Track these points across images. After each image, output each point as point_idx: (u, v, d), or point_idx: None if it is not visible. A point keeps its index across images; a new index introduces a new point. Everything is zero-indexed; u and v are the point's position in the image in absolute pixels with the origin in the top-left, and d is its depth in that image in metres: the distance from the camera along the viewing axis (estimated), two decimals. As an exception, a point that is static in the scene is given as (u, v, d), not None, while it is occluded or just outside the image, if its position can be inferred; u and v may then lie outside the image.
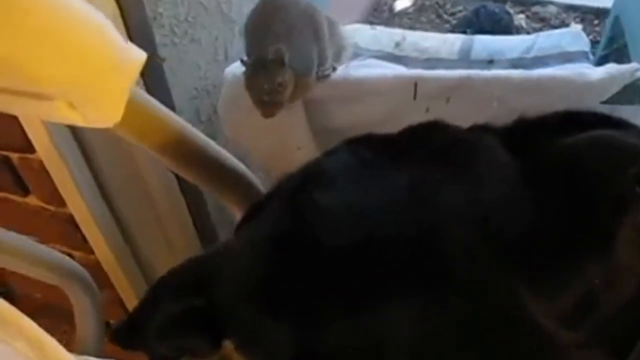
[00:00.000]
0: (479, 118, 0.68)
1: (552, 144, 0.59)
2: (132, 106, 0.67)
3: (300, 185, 0.63)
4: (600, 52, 2.07)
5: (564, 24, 2.81)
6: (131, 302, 1.53)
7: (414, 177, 0.58)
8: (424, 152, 0.61)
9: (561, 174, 0.56)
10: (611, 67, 1.26)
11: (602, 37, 2.16)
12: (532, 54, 1.67)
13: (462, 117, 0.67)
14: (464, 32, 2.38)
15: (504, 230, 0.53)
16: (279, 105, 1.25)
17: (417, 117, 0.69)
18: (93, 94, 0.56)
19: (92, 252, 1.44)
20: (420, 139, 0.65)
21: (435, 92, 1.22)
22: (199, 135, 0.81)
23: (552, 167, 0.57)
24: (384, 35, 1.84)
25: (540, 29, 2.78)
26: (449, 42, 1.78)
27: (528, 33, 2.63)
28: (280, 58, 1.19)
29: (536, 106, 0.66)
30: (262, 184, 0.89)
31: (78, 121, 0.57)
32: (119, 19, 1.11)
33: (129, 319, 0.64)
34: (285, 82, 1.22)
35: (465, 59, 1.72)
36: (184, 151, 0.79)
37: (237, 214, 0.83)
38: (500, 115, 0.67)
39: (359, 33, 1.81)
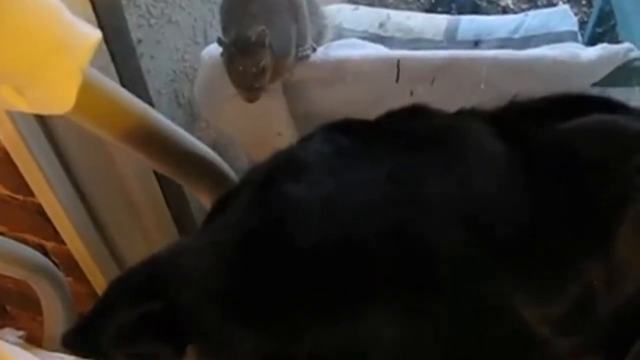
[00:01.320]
0: (466, 100, 0.64)
1: (546, 130, 0.54)
2: (87, 90, 0.62)
3: (270, 177, 0.57)
4: (589, 32, 2.03)
5: (551, 4, 2.77)
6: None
7: (395, 167, 0.52)
8: (405, 139, 0.56)
9: (557, 164, 0.51)
10: (603, 47, 1.22)
11: (591, 17, 2.12)
12: (519, 34, 1.65)
13: (448, 99, 0.63)
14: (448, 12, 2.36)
15: (495, 228, 0.47)
16: (262, 89, 1.21)
17: (401, 99, 0.64)
18: (40, 77, 0.51)
19: (64, 242, 1.38)
20: (401, 125, 0.59)
21: (419, 74, 1.18)
22: (164, 121, 0.75)
23: (546, 156, 0.52)
24: (368, 15, 1.80)
25: (528, 9, 2.74)
26: (435, 22, 1.75)
27: (515, 13, 2.60)
28: (262, 40, 1.15)
29: (525, 88, 0.62)
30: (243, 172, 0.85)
31: (23, 107, 0.52)
32: (86, -2, 1.05)
33: (83, 325, 0.58)
34: (268, 64, 1.17)
35: (451, 39, 1.69)
36: (147, 138, 0.74)
37: (209, 206, 0.77)
38: (488, 97, 0.62)
39: (341, 13, 1.77)
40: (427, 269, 0.47)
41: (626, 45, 1.21)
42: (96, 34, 0.54)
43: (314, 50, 1.29)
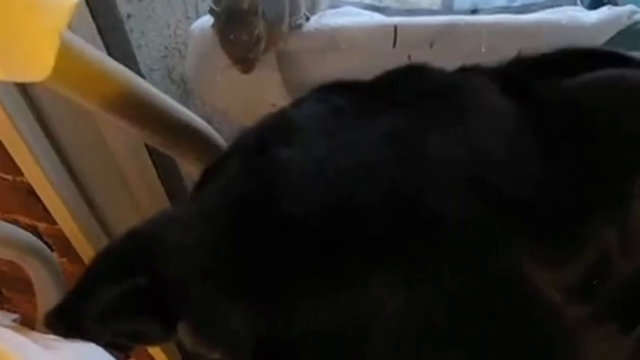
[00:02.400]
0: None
1: (556, 86, 0.50)
2: (67, 56, 0.59)
3: (260, 141, 0.54)
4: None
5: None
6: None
7: (394, 127, 0.49)
8: (405, 98, 0.53)
9: (569, 122, 0.48)
10: (606, 11, 1.19)
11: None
12: (518, 2, 1.62)
13: (447, 64, 0.59)
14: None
15: (504, 188, 0.44)
16: (256, 59, 1.19)
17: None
18: (15, 40, 0.48)
19: (56, 223, 1.35)
20: (400, 83, 0.56)
21: (417, 39, 1.15)
22: (149, 88, 0.72)
23: (557, 114, 0.48)
24: (364, -15, 1.77)
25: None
26: (432, -9, 1.72)
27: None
28: (255, 8, 1.12)
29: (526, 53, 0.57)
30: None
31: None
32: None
33: (65, 304, 0.55)
34: (261, 33, 1.14)
35: (449, 8, 1.66)
36: (132, 106, 0.70)
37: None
38: (488, 62, 0.58)
39: (337, -17, 1.74)
40: (431, 234, 0.43)
41: (629, 7, 1.19)
42: (75, -6, 0.51)
43: (308, 19, 1.26)
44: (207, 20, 1.30)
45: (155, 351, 1.59)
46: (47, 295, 1.14)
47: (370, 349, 0.43)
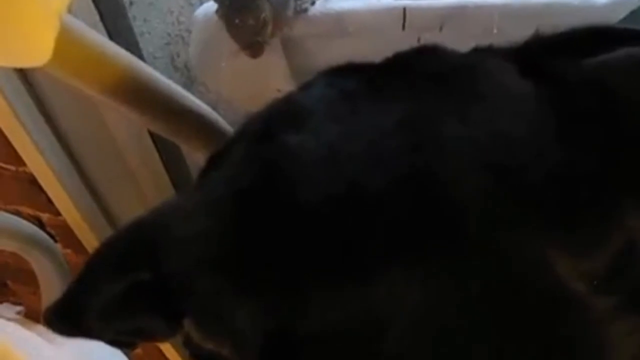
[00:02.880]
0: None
1: (575, 66, 0.48)
2: (66, 39, 0.57)
3: (267, 127, 0.51)
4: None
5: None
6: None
7: (408, 110, 0.47)
8: (417, 80, 0.50)
9: (591, 103, 0.45)
10: (617, -10, 1.17)
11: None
12: (525, -16, 1.60)
13: (457, 46, 0.57)
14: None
15: (525, 173, 0.42)
16: (264, 43, 1.17)
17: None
18: (12, 23, 0.47)
19: (60, 213, 1.34)
20: (411, 65, 0.54)
21: (427, 21, 1.13)
22: (154, 74, 0.70)
23: (578, 95, 0.46)
24: (369, -29, 1.75)
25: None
26: (438, -24, 1.70)
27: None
28: (261, -9, 1.10)
29: None
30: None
31: (-2, 59, 0.48)
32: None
33: (65, 301, 0.53)
34: (268, 16, 1.12)
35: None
36: (134, 91, 0.68)
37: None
38: (502, 43, 0.56)
39: (341, -32, 1.72)
40: (450, 222, 0.41)
41: (642, -14, 1.16)
42: (73, -24, 0.49)
43: (313, 3, 1.24)
44: (211, 6, 1.28)
45: (165, 346, 1.58)
46: (51, 288, 1.13)
47: (388, 347, 0.41)
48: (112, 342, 0.58)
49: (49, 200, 1.31)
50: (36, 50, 0.49)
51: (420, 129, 0.45)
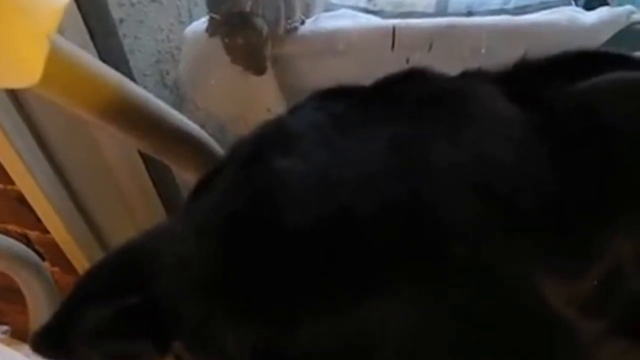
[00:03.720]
0: (465, 67, 0.58)
1: (563, 90, 0.49)
2: (56, 60, 0.57)
3: (256, 150, 0.52)
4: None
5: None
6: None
7: (397, 134, 0.47)
8: (406, 104, 0.51)
9: (578, 127, 0.46)
10: (604, 11, 1.18)
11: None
12: (512, 4, 1.60)
13: (446, 66, 0.57)
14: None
15: (514, 198, 0.42)
16: (267, 58, 1.18)
17: (396, 68, 0.58)
18: (2, 44, 0.47)
19: (48, 231, 1.33)
20: (400, 88, 0.54)
21: (416, 40, 1.14)
22: (144, 94, 0.70)
23: (566, 119, 0.46)
24: (356, -11, 1.76)
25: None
26: (425, -5, 1.71)
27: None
28: (257, 9, 1.12)
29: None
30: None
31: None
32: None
33: (52, 325, 0.53)
34: (267, 32, 1.13)
35: (442, 11, 1.65)
36: (127, 113, 0.68)
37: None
38: (487, 64, 0.57)
39: (329, -13, 1.73)
40: (439, 247, 0.41)
41: (628, 7, 1.18)
42: (63, -1, 0.49)
43: (303, 22, 1.25)
44: (201, 24, 1.29)
45: None
46: (39, 307, 1.12)
47: None
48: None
49: (37, 218, 1.30)
50: (26, 71, 0.49)
51: (409, 153, 0.45)
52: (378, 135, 0.47)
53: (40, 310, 1.12)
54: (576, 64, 0.52)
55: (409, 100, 0.51)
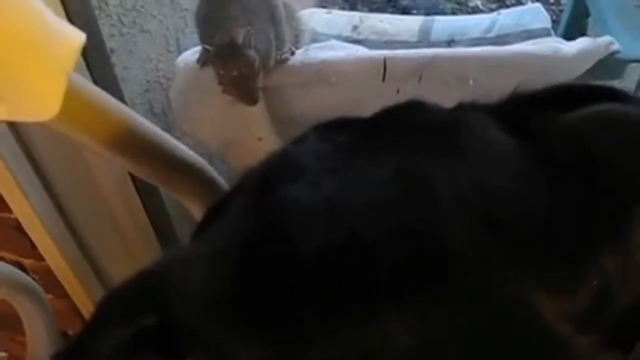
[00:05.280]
0: (453, 97, 0.61)
1: (554, 122, 0.52)
2: (72, 96, 0.60)
3: (265, 180, 0.54)
4: (562, 30, 2.03)
5: (520, 3, 2.78)
6: (88, 311, 1.44)
7: (400, 164, 0.50)
8: (407, 135, 0.54)
9: (569, 156, 0.49)
10: (584, 41, 1.22)
11: (564, 15, 2.13)
12: (493, 33, 1.65)
13: (435, 97, 0.60)
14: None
15: (512, 223, 0.45)
16: (259, 89, 1.19)
17: (387, 99, 0.61)
18: (23, 81, 0.49)
19: (43, 259, 1.34)
20: (400, 120, 0.57)
21: (406, 71, 1.17)
22: (151, 127, 0.73)
23: (557, 149, 0.50)
24: (341, 19, 1.81)
25: (497, 9, 2.76)
26: (408, 24, 1.76)
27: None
28: (249, 40, 1.14)
29: (510, 83, 0.60)
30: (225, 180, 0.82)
31: (4, 114, 0.50)
32: (59, 5, 1.02)
33: (74, 345, 0.55)
34: (259, 63, 1.15)
35: (425, 39, 1.70)
36: (135, 146, 0.71)
37: (198, 215, 0.75)
38: (475, 94, 0.60)
39: (315, 17, 1.77)
40: (442, 269, 0.44)
41: (607, 38, 1.21)
42: (80, 36, 0.52)
43: (293, 53, 1.27)
44: (192, 54, 1.31)
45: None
46: (37, 332, 1.13)
47: None
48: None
49: (33, 246, 1.31)
50: (44, 106, 0.51)
51: (411, 182, 0.48)
52: (383, 164, 0.50)
53: (38, 335, 1.12)
54: (564, 97, 0.56)
55: (409, 132, 0.54)
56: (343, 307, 0.45)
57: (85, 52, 1.10)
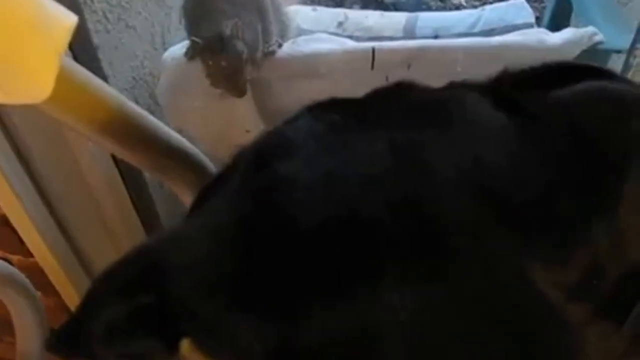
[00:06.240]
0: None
1: (543, 98, 0.53)
2: (64, 78, 0.60)
3: (260, 158, 0.54)
4: (546, 24, 2.04)
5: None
6: (76, 307, 1.43)
7: (395, 140, 0.50)
8: (400, 112, 0.54)
9: (558, 132, 0.50)
10: (569, 32, 1.24)
11: (547, 8, 2.14)
12: (478, 28, 1.66)
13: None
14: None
15: (506, 195, 0.46)
16: (247, 81, 1.20)
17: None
18: (16, 62, 0.49)
19: (30, 254, 1.34)
20: (392, 99, 0.57)
21: (395, 60, 1.17)
22: (142, 113, 0.73)
23: (547, 125, 0.51)
24: (326, 16, 1.80)
25: (479, 6, 2.77)
26: (393, 20, 1.76)
27: (468, 10, 2.62)
28: (237, 32, 1.14)
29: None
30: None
31: (-1, 97, 0.50)
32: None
33: (68, 325, 0.55)
34: (247, 55, 1.16)
35: (410, 35, 1.70)
36: (126, 131, 0.71)
37: (188, 201, 0.75)
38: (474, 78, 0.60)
39: (300, 15, 1.77)
40: (440, 239, 0.45)
41: (590, 29, 1.23)
42: (73, 18, 0.52)
43: (280, 45, 1.28)
44: (179, 49, 1.31)
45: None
46: (26, 327, 1.12)
47: (385, 354, 0.44)
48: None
49: (21, 242, 1.30)
50: (38, 87, 0.51)
51: (408, 156, 0.49)
52: (377, 139, 0.50)
53: (28, 330, 1.12)
54: (552, 75, 0.56)
55: (401, 108, 0.55)
56: (343, 281, 0.45)
57: (72, 47, 1.10)
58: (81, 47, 1.14)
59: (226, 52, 1.13)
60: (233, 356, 0.50)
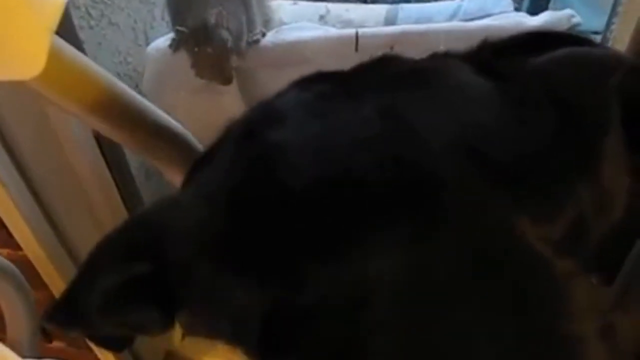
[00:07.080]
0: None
1: (525, 63, 0.54)
2: (55, 56, 0.61)
3: (249, 128, 0.56)
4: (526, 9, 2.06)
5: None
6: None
7: (382, 105, 0.51)
8: (386, 79, 0.55)
9: (541, 93, 0.51)
10: (547, 15, 1.26)
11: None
12: (457, 18, 1.67)
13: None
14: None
15: (494, 155, 0.47)
16: (232, 68, 1.21)
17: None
18: (6, 37, 0.49)
19: (20, 248, 1.34)
20: (378, 68, 0.58)
21: (378, 43, 1.19)
22: (132, 93, 0.73)
23: (529, 86, 0.52)
24: (308, 9, 1.81)
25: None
26: (374, 12, 1.77)
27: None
28: (221, 20, 1.15)
29: None
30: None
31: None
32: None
33: (65, 296, 0.55)
34: (231, 43, 1.17)
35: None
36: (116, 110, 0.71)
37: (176, 182, 0.75)
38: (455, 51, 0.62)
39: (282, 9, 1.77)
40: (430, 195, 0.46)
41: (568, 11, 1.25)
42: (62, -7, 0.53)
43: (264, 35, 1.29)
44: (163, 41, 1.32)
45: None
46: (17, 317, 1.12)
47: (377, 311, 0.45)
48: (109, 339, 0.60)
49: (10, 235, 1.31)
50: (29, 63, 0.52)
51: (395, 119, 0.50)
52: (364, 105, 0.52)
53: (17, 319, 1.12)
54: (532, 42, 0.58)
55: (387, 76, 0.56)
56: (333, 239, 0.46)
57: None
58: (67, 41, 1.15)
59: (211, 40, 1.15)
60: (228, 323, 0.51)
